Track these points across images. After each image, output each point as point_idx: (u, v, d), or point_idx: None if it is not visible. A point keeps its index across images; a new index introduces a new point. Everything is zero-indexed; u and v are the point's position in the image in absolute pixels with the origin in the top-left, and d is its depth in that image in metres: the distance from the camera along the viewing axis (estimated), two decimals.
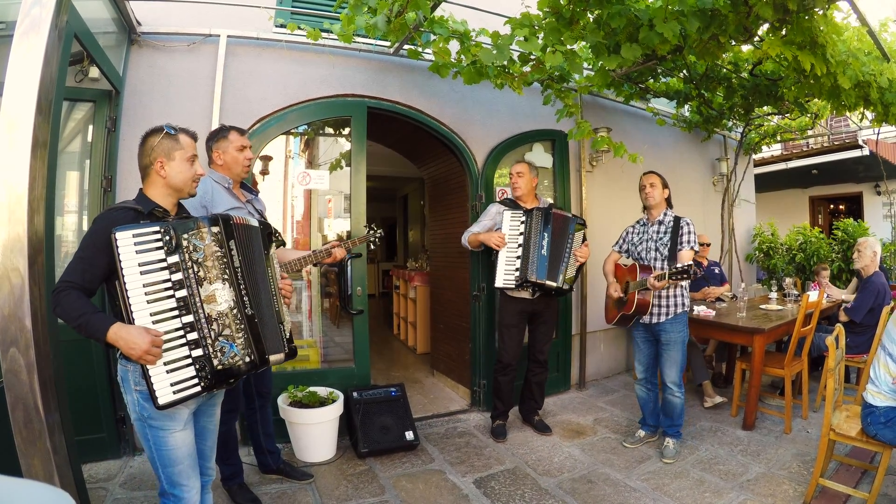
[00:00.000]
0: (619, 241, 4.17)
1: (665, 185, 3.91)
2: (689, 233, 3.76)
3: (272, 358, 2.13)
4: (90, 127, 3.72)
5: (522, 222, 4.01)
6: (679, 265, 3.44)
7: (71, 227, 3.71)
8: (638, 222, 4.06)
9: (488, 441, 4.14)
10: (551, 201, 4.28)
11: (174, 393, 1.84)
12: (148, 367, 1.81)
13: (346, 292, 4.17)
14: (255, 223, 2.27)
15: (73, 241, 3.67)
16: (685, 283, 3.81)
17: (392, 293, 9.12)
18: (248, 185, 3.24)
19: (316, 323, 4.67)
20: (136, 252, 1.83)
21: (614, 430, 4.36)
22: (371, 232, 3.49)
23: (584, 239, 4.11)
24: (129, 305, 1.81)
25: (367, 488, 3.37)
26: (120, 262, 1.80)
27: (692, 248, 3.74)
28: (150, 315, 1.84)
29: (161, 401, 1.82)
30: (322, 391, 3.90)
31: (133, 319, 1.81)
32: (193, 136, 2.16)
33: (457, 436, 4.27)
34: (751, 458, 3.74)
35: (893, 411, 2.70)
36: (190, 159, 2.11)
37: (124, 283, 1.80)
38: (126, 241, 1.81)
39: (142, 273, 1.84)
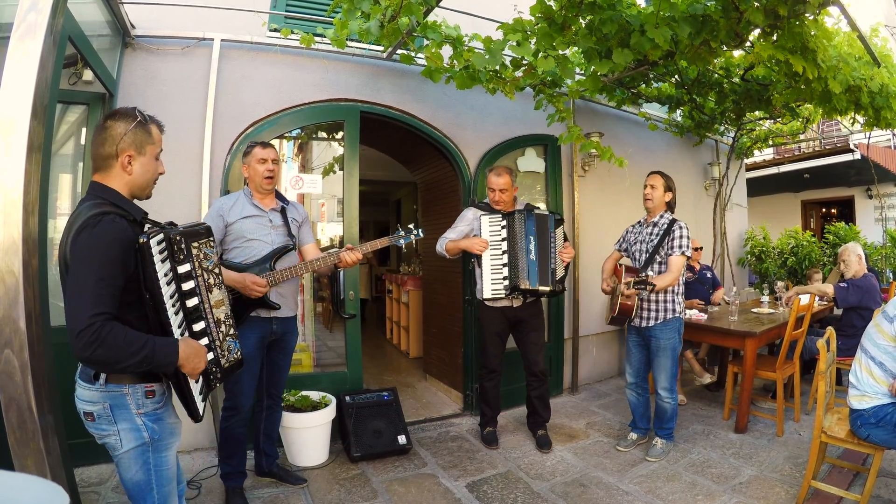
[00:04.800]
0: (619, 239, 4.17)
1: (668, 189, 3.86)
2: (682, 237, 3.68)
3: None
4: (83, 130, 3.71)
5: (503, 227, 3.87)
6: (642, 275, 3.42)
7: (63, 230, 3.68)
8: (639, 222, 4.05)
9: (481, 445, 4.14)
10: (527, 202, 4.22)
11: (201, 402, 1.86)
12: (191, 382, 1.81)
13: (338, 296, 4.18)
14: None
15: None
16: (678, 288, 3.79)
17: (385, 297, 9.12)
18: (280, 195, 3.34)
19: (308, 327, 4.66)
20: (161, 261, 1.73)
21: (607, 433, 4.37)
22: (400, 234, 3.44)
23: (566, 238, 4.03)
24: (168, 319, 1.74)
25: (360, 492, 3.37)
26: (156, 272, 1.69)
27: (683, 253, 3.67)
28: (178, 328, 1.78)
29: (202, 412, 1.84)
30: (314, 395, 3.90)
31: (172, 335, 1.75)
32: (162, 129, 1.93)
33: (449, 440, 4.27)
34: (743, 460, 3.76)
35: (883, 410, 2.71)
36: (158, 156, 1.91)
37: (162, 296, 1.72)
38: (155, 251, 1.70)
39: (167, 283, 1.74)
